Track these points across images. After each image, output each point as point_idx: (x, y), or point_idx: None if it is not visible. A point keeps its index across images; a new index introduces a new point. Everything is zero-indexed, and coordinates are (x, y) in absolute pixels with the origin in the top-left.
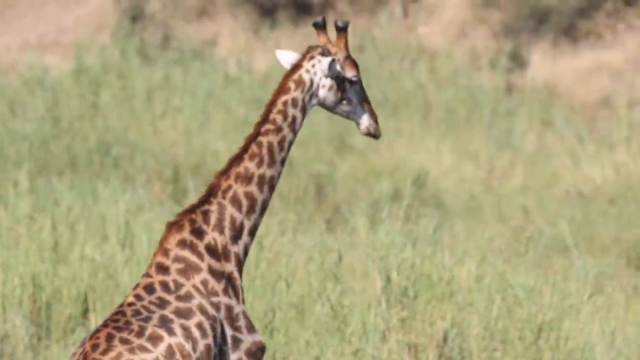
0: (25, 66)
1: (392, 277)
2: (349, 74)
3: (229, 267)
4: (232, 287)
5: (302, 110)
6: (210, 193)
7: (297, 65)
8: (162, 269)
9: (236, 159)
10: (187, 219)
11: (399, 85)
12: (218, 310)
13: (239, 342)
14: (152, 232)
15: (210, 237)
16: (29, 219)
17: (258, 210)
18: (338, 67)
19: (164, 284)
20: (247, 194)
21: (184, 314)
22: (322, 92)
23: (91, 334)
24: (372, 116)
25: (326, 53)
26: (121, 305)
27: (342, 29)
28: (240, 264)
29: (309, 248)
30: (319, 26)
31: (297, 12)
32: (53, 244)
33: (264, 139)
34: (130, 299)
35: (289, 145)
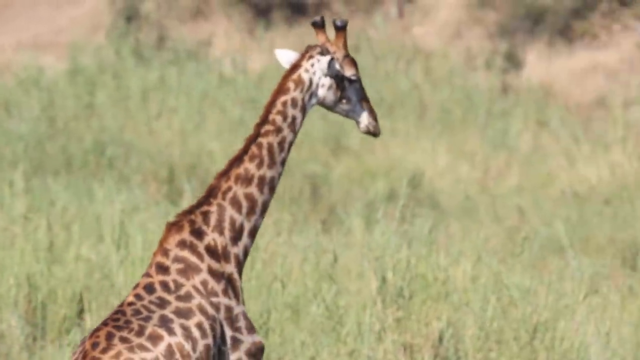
0: (21, 66)
1: (387, 278)
2: (348, 72)
3: (229, 268)
4: (232, 288)
5: (302, 110)
6: (210, 194)
7: (296, 65)
8: (162, 269)
9: (236, 160)
10: (187, 220)
11: (394, 85)
12: (218, 310)
13: (239, 343)
14: (148, 233)
15: (210, 238)
16: (24, 219)
17: (258, 211)
18: (337, 66)
19: (164, 284)
20: (247, 195)
21: (184, 314)
22: (321, 92)
23: (91, 332)
24: (371, 114)
25: (325, 52)
26: (121, 305)
27: (340, 28)
28: (240, 265)
29: (304, 248)
30: (318, 25)
31: (291, 13)
32: (48, 244)
33: (264, 140)
34: (130, 298)
35: (289, 145)
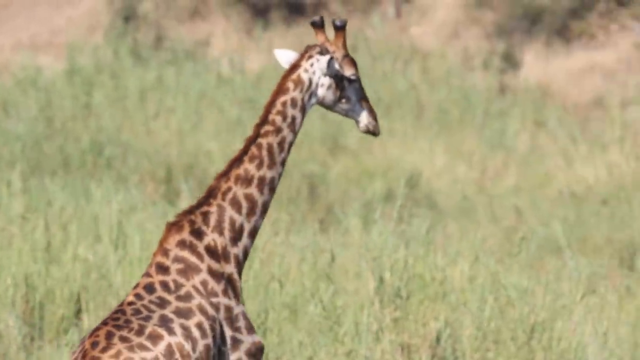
0: (18, 66)
1: (385, 278)
2: (348, 72)
3: (229, 269)
4: (232, 289)
5: (302, 110)
6: (209, 195)
7: (295, 65)
8: (162, 269)
9: (236, 161)
10: (187, 220)
11: (391, 85)
12: (217, 310)
13: (239, 343)
14: (145, 232)
15: (210, 238)
16: (21, 219)
17: (258, 212)
18: (336, 66)
19: (164, 284)
20: (247, 196)
21: (184, 313)
22: (321, 91)
23: (91, 331)
24: (371, 114)
25: (324, 52)
26: (121, 304)
27: (340, 28)
28: (239, 266)
29: (301, 248)
30: (317, 25)
31: (289, 13)
32: (46, 244)
33: (264, 141)
34: (130, 298)
35: (289, 146)
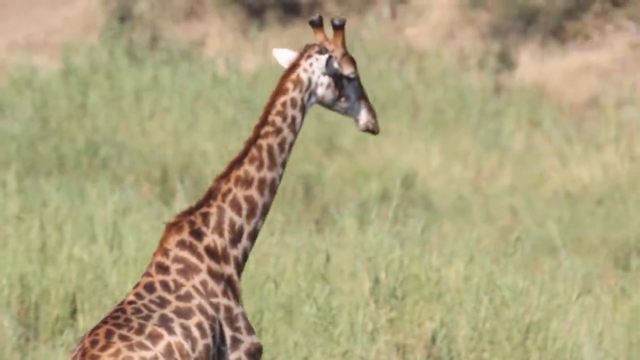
0: (13, 66)
1: (380, 278)
2: (347, 71)
3: (228, 270)
4: (231, 290)
5: (302, 110)
6: (209, 196)
7: (294, 65)
8: (162, 268)
9: (236, 163)
10: (187, 221)
11: (387, 85)
12: (217, 310)
13: (238, 343)
14: (141, 233)
15: (210, 239)
16: (16, 220)
17: (259, 213)
18: (335, 64)
19: (164, 284)
20: (247, 198)
21: (183, 313)
22: (320, 90)
23: (91, 330)
24: (370, 112)
25: (323, 51)
26: (121, 303)
27: (338, 27)
28: (239, 267)
29: (297, 249)
30: (316, 24)
31: (285, 13)
32: (41, 245)
33: (264, 142)
34: (130, 297)
35: (289, 146)
